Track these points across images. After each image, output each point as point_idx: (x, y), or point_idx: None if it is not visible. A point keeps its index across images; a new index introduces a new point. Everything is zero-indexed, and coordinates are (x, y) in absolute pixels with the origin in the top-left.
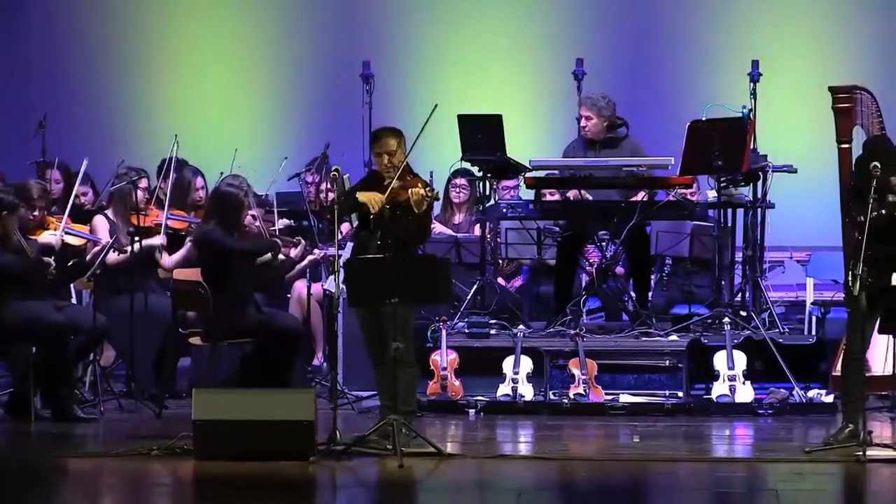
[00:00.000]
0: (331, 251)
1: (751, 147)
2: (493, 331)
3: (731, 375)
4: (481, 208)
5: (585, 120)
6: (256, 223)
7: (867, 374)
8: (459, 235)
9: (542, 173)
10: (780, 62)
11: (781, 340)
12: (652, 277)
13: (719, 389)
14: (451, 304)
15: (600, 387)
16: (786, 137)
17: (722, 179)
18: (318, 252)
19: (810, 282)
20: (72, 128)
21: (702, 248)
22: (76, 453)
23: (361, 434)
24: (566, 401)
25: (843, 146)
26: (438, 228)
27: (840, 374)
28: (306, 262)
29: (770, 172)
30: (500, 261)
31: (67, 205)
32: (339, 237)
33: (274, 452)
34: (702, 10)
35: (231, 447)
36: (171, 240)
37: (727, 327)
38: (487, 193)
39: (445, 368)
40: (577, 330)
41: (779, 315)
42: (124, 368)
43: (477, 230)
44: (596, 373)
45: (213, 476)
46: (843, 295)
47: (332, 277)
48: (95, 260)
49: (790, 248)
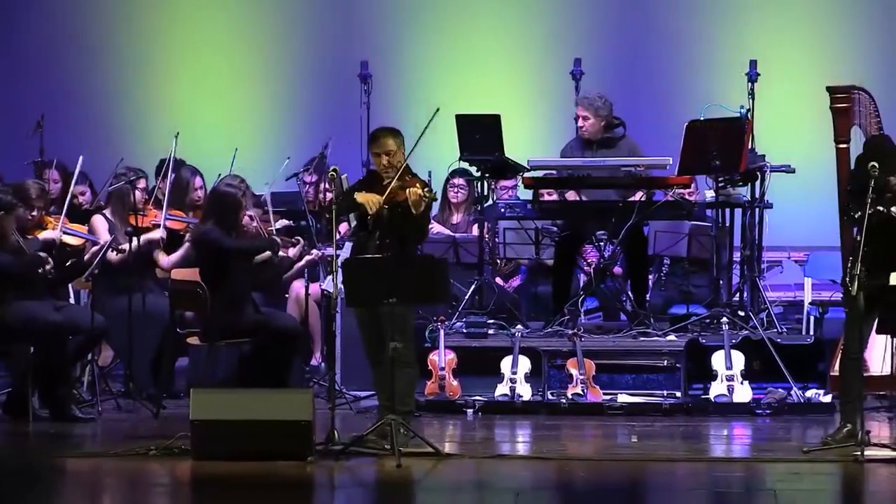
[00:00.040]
0: (329, 251)
1: (749, 147)
2: (491, 331)
3: (730, 375)
4: (479, 208)
5: (582, 120)
6: (254, 224)
7: (865, 374)
8: (457, 235)
9: (541, 173)
10: (778, 62)
11: (779, 340)
12: (650, 277)
13: (717, 389)
14: (449, 304)
15: (598, 387)
16: (784, 137)
17: (720, 179)
18: (317, 252)
19: (808, 282)
20: (70, 128)
21: (700, 248)
22: (74, 453)
23: (359, 434)
24: (564, 401)
25: (841, 146)
26: (436, 228)
27: (838, 374)
28: (304, 262)
29: (768, 172)
30: (499, 261)
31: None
32: (337, 237)
33: (272, 452)
34: (700, 11)
35: (229, 447)
36: (170, 240)
37: (725, 327)
38: (485, 193)
39: (443, 368)
40: (575, 330)
41: (777, 315)
42: (122, 368)
43: (475, 230)
44: (594, 373)
45: (211, 476)
46: (842, 295)
47: (330, 277)
48: (93, 260)
49: (788, 248)
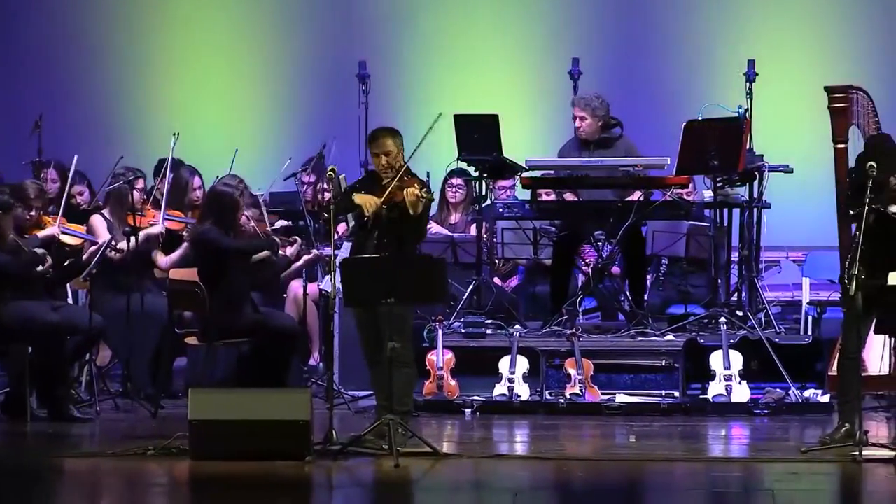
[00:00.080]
0: (327, 251)
1: (747, 147)
2: (490, 331)
3: (728, 375)
4: (477, 208)
5: (580, 120)
6: (251, 224)
7: (863, 374)
8: (456, 235)
9: (539, 173)
10: (777, 62)
11: (777, 340)
12: (648, 277)
13: (715, 389)
14: (448, 304)
15: (596, 387)
16: (782, 137)
17: (718, 179)
18: (315, 251)
19: (806, 281)
20: (68, 128)
21: (698, 248)
22: (72, 453)
23: (357, 434)
24: (562, 401)
25: (840, 146)
26: (435, 228)
27: (836, 374)
28: (303, 262)
29: (766, 172)
30: (497, 261)
31: (65, 206)
32: (335, 237)
33: (270, 452)
34: (698, 10)
35: (227, 447)
36: (168, 240)
37: (723, 327)
38: (484, 193)
39: (441, 368)
40: (574, 330)
41: (775, 315)
42: (120, 368)
43: (473, 230)
44: (592, 373)
45: (209, 476)
46: (840, 295)
47: (329, 277)
48: (91, 260)
49: (786, 248)
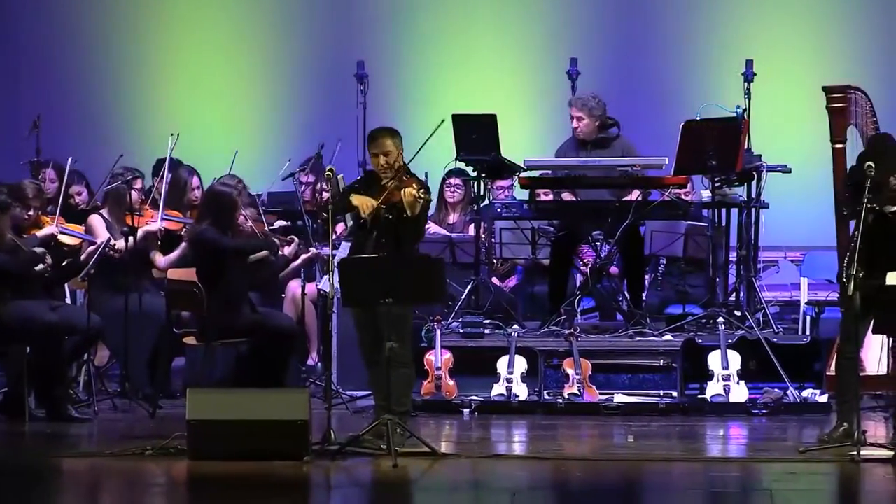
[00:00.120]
0: (325, 251)
1: (745, 147)
2: (488, 330)
3: (726, 375)
4: (476, 208)
5: (577, 121)
6: (248, 223)
7: (861, 374)
8: (454, 235)
9: (537, 173)
10: (775, 62)
11: (776, 340)
12: (646, 277)
13: (713, 389)
14: (446, 304)
15: (594, 387)
16: (780, 137)
17: (716, 179)
18: (313, 249)
19: (804, 281)
20: (66, 128)
21: (696, 248)
22: (70, 453)
23: (356, 434)
24: (560, 401)
25: (838, 146)
26: (433, 228)
27: (834, 374)
28: (301, 261)
29: (764, 172)
30: (495, 260)
31: (63, 206)
32: (334, 237)
33: (268, 452)
34: (696, 10)
35: (225, 447)
36: (167, 240)
37: (721, 327)
38: (482, 193)
39: (440, 368)
40: (572, 330)
41: (773, 315)
42: (118, 368)
43: (471, 230)
44: (590, 373)
45: (208, 476)
46: (838, 295)
47: (327, 277)
48: (90, 260)
49: (784, 248)
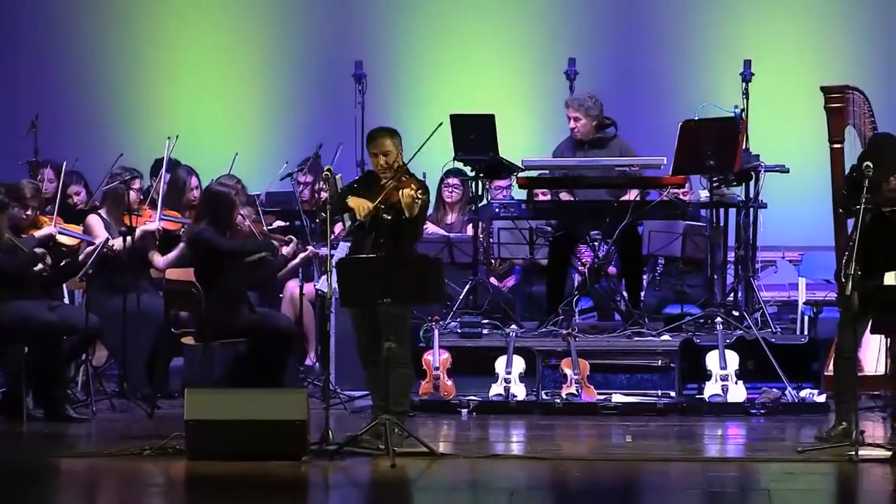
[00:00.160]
0: (323, 251)
1: (743, 147)
2: (486, 331)
3: (724, 375)
4: (474, 208)
5: (574, 121)
6: (246, 223)
7: (859, 374)
8: (452, 235)
9: (535, 173)
10: (773, 62)
11: (774, 340)
12: (644, 277)
13: (711, 389)
14: (444, 304)
15: (592, 387)
16: (778, 137)
17: (714, 179)
18: (311, 248)
19: (802, 281)
20: (64, 128)
21: (694, 248)
22: (68, 453)
23: (354, 434)
24: (558, 401)
25: (836, 146)
26: (431, 228)
27: (832, 374)
28: (299, 259)
29: (762, 172)
30: (493, 260)
31: (61, 206)
32: (332, 237)
33: (266, 452)
34: (694, 10)
35: (223, 447)
36: (165, 240)
37: (719, 327)
38: (480, 193)
39: (438, 368)
40: (570, 330)
41: (771, 315)
42: (117, 368)
43: (469, 230)
44: (588, 372)
45: (206, 476)
46: (836, 294)
47: (325, 277)
48: (88, 260)
49: (782, 248)
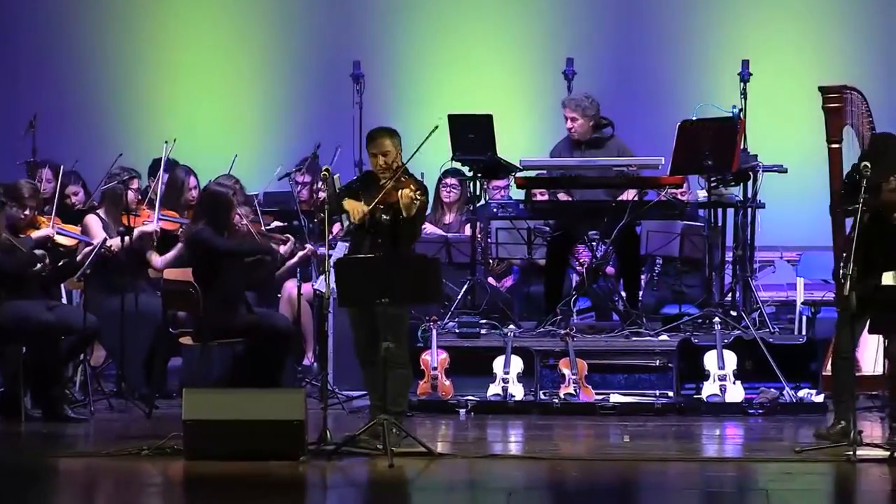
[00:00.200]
0: (321, 250)
1: (741, 147)
2: (484, 330)
3: (722, 375)
4: (472, 208)
5: (571, 121)
6: (243, 222)
7: (857, 374)
8: (450, 235)
9: (533, 173)
10: (771, 62)
11: (772, 340)
12: (642, 277)
13: (709, 389)
14: (442, 304)
15: (590, 386)
16: (776, 137)
17: (712, 179)
18: (310, 246)
19: (800, 281)
20: (62, 128)
21: (692, 248)
22: (66, 453)
23: (352, 434)
24: (556, 401)
25: (834, 146)
26: (429, 228)
27: (830, 374)
28: (298, 258)
29: (760, 172)
30: (491, 260)
31: (59, 206)
32: (330, 237)
33: (264, 452)
34: (692, 10)
35: (221, 447)
36: (163, 240)
37: (717, 327)
38: (478, 193)
39: (436, 368)
40: (568, 330)
41: (769, 315)
42: (115, 368)
43: (467, 230)
44: (586, 372)
45: (204, 476)
46: (834, 294)
47: (323, 277)
48: (86, 260)
49: (780, 248)
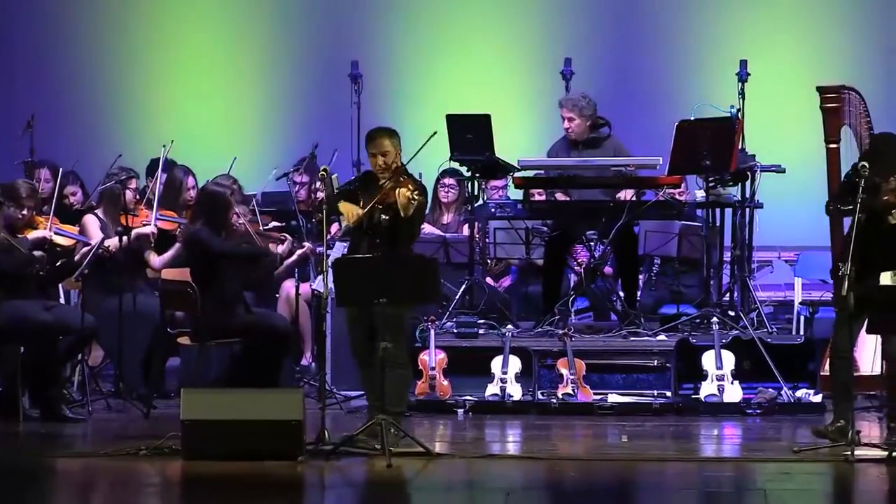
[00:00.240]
0: (319, 250)
1: (739, 147)
2: (482, 330)
3: (720, 375)
4: (470, 208)
5: (568, 121)
6: (240, 220)
7: (855, 374)
8: (448, 235)
9: (531, 173)
10: (769, 62)
11: (770, 340)
12: (640, 277)
13: (708, 389)
14: (440, 304)
15: (588, 386)
16: (774, 137)
17: (710, 179)
18: (308, 245)
19: (798, 281)
20: (60, 128)
21: (690, 248)
22: (64, 453)
23: (350, 434)
24: (554, 400)
25: (831, 146)
26: (427, 228)
27: (828, 374)
28: (296, 256)
29: (758, 172)
30: (489, 260)
31: (57, 206)
32: (328, 237)
33: (262, 452)
34: (690, 10)
35: (219, 447)
36: (161, 240)
37: (715, 327)
38: (476, 193)
39: (434, 368)
40: (566, 330)
41: (767, 315)
42: (113, 368)
43: (465, 230)
44: (584, 372)
45: (202, 476)
46: (832, 294)
47: (321, 277)
48: (84, 260)
49: (778, 248)
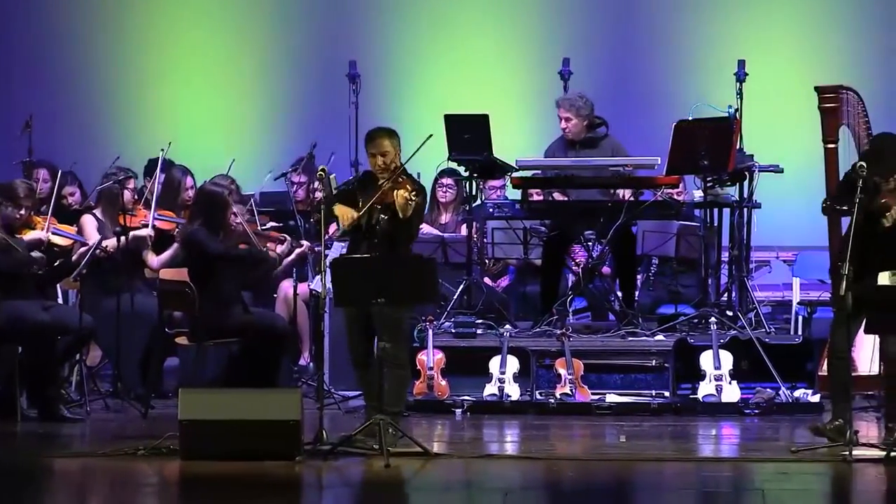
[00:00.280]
0: (318, 249)
1: (737, 147)
2: (480, 330)
3: (718, 375)
4: (468, 208)
5: (565, 121)
6: (238, 220)
7: (853, 374)
8: (446, 235)
9: (529, 173)
10: (766, 62)
11: (768, 340)
12: (638, 277)
13: (706, 389)
14: (438, 304)
15: (587, 386)
16: (772, 137)
17: (708, 179)
18: (307, 243)
19: (797, 281)
20: (58, 128)
21: (688, 248)
22: (62, 453)
23: (348, 434)
24: (552, 400)
25: (830, 146)
26: (425, 228)
27: (826, 374)
28: (295, 255)
29: (756, 172)
30: (487, 260)
31: (56, 206)
32: (326, 237)
33: (260, 452)
34: (688, 11)
35: (217, 447)
36: (159, 240)
37: (713, 327)
38: (474, 193)
39: (432, 368)
40: (564, 330)
41: (765, 315)
42: (111, 368)
43: (463, 230)
44: (582, 372)
45: (200, 476)
46: (830, 294)
47: (319, 277)
48: (82, 260)
49: (776, 248)
